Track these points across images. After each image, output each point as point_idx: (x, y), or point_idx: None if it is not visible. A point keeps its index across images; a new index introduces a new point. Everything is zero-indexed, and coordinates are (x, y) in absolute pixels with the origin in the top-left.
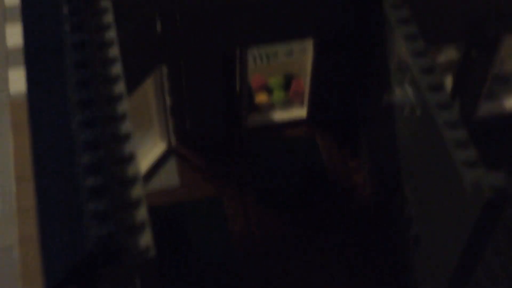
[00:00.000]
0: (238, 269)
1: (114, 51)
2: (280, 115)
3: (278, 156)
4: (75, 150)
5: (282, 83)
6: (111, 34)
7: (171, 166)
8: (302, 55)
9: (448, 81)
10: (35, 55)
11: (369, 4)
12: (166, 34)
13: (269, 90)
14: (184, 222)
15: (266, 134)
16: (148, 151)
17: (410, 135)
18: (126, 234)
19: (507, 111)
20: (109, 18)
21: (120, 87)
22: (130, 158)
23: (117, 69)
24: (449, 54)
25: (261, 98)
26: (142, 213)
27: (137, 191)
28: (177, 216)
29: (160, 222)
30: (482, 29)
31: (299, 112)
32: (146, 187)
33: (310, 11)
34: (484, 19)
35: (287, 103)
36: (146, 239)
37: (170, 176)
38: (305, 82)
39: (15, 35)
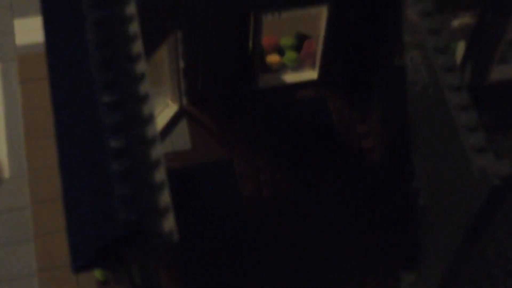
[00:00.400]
0: (249, 229)
1: (134, 26)
2: (291, 76)
3: (289, 117)
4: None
5: (294, 43)
6: (132, 7)
7: (183, 127)
8: (316, 10)
9: (461, 47)
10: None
11: None
12: (181, 1)
13: (280, 51)
14: (195, 184)
15: (278, 95)
16: (160, 112)
17: (421, 109)
18: (151, 217)
19: None
20: None
21: (138, 47)
22: (153, 141)
23: (138, 47)
24: (463, 19)
25: (272, 58)
26: (165, 198)
27: (161, 173)
28: (188, 178)
29: (172, 184)
30: None
31: (311, 73)
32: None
33: None
34: None
35: (299, 64)
36: (169, 222)
37: (181, 138)
38: (317, 44)
39: None
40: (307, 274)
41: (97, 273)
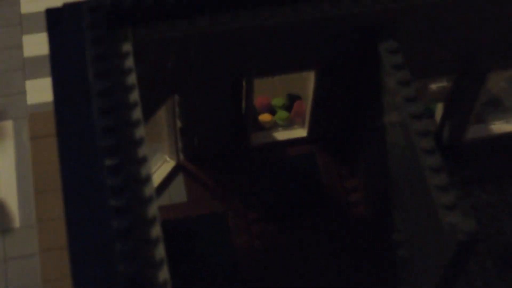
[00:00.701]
0: (242, 280)
1: (135, 95)
2: (282, 134)
3: (280, 172)
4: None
5: (285, 104)
6: (133, 77)
7: (179, 182)
8: (305, 74)
9: (439, 108)
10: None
11: (364, 41)
12: (178, 69)
13: (272, 111)
14: (191, 236)
15: (269, 152)
16: (158, 167)
17: (400, 169)
18: (147, 270)
19: (494, 134)
20: (130, 61)
21: (138, 114)
22: (150, 200)
23: (137, 113)
24: (441, 83)
25: (265, 118)
26: (160, 252)
27: (156, 230)
28: (184, 229)
29: (168, 236)
30: (472, 65)
31: (301, 131)
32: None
33: (312, 45)
34: (474, 56)
35: (289, 123)
36: (164, 274)
37: (178, 192)
38: (307, 104)
39: (31, 45)
40: None
41: None
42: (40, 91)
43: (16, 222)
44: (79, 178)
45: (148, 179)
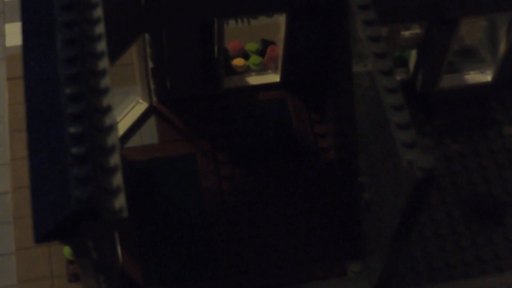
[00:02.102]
0: (209, 221)
1: (100, 28)
2: (255, 79)
3: (251, 117)
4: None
5: (259, 49)
6: (99, 12)
7: (151, 123)
8: (279, 18)
9: (413, 55)
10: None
11: None
12: (149, 6)
13: (246, 55)
14: (160, 177)
15: (241, 96)
16: (131, 109)
17: (365, 110)
18: (103, 197)
19: (467, 84)
20: None
21: (104, 62)
22: (110, 129)
23: (101, 45)
24: (414, 30)
25: (238, 62)
26: (117, 179)
27: (114, 159)
28: (154, 170)
29: (138, 176)
30: (440, 11)
31: (273, 77)
32: (127, 143)
33: None
34: (442, 1)
35: (262, 68)
36: (120, 201)
37: (150, 133)
38: (279, 49)
39: None
40: (261, 264)
41: (67, 253)
42: (18, 33)
43: None
44: (42, 110)
45: (109, 108)
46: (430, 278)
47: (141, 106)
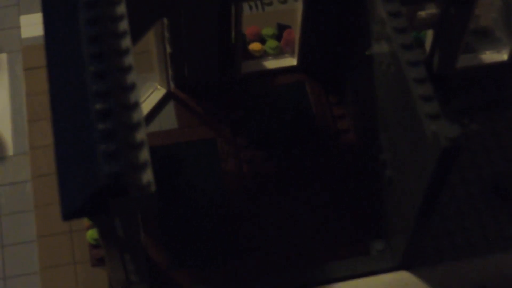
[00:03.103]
0: (230, 204)
1: (122, 8)
2: (272, 63)
3: (269, 101)
4: (88, 98)
5: (275, 33)
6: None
7: (170, 109)
8: (295, 4)
9: (429, 35)
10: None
11: None
12: None
13: (262, 40)
14: (180, 162)
15: (259, 81)
16: (149, 95)
17: (386, 88)
18: (131, 172)
19: (483, 63)
20: None
21: (126, 42)
22: (135, 106)
23: (124, 25)
24: (430, 10)
25: (255, 47)
26: (144, 154)
27: (141, 135)
28: (174, 155)
29: (158, 161)
30: None
31: (290, 60)
32: (146, 129)
33: None
34: None
35: (279, 52)
36: (148, 176)
37: (168, 119)
38: (296, 33)
39: None
40: (283, 245)
41: (90, 238)
42: (33, 25)
43: (10, 151)
44: (67, 91)
45: (133, 87)
46: (452, 255)
47: (159, 92)
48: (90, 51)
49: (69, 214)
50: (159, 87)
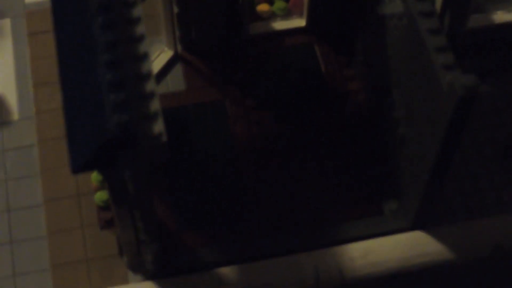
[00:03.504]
0: (239, 166)
1: None
2: (280, 24)
3: (278, 62)
4: (96, 48)
5: None
6: None
7: (178, 71)
8: None
9: None
10: None
11: None
12: None
13: (270, 1)
14: (189, 124)
15: (267, 42)
16: (156, 58)
17: (398, 43)
18: (142, 122)
19: (494, 23)
20: None
21: None
22: (144, 57)
23: None
24: None
25: (262, 8)
26: (155, 104)
27: (151, 85)
28: (182, 118)
29: (166, 124)
30: None
31: (299, 21)
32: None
33: None
34: None
35: (288, 13)
36: (159, 126)
37: (176, 81)
38: None
39: None
40: (294, 207)
41: (98, 200)
42: None
43: (15, 115)
44: (72, 42)
45: (142, 38)
46: (466, 216)
47: (167, 54)
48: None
49: (78, 167)
50: (166, 49)
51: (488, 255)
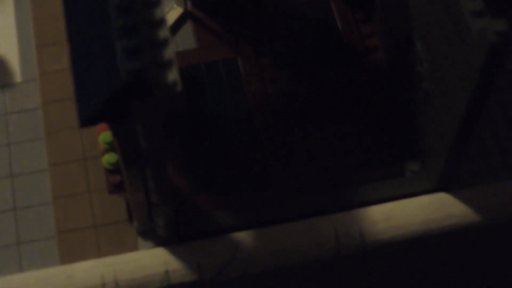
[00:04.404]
0: (255, 127)
1: None
2: None
3: (293, 19)
4: None
5: None
6: None
7: (188, 29)
8: None
9: None
10: None
11: None
12: None
13: None
14: (201, 84)
15: None
16: (165, 15)
17: None
18: (155, 70)
19: None
20: None
21: None
22: (157, 3)
23: None
24: None
25: None
26: (169, 52)
27: (164, 32)
28: (194, 77)
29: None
30: None
31: None
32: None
33: None
34: None
35: None
36: (173, 75)
37: (186, 39)
38: None
39: None
40: (313, 169)
41: (105, 163)
42: None
43: (18, 77)
44: None
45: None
46: (490, 178)
47: (176, 12)
48: None
49: (86, 119)
50: (175, 6)
51: None
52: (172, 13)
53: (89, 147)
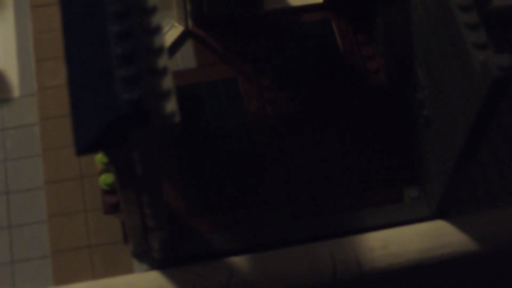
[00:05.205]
0: (253, 147)
1: None
2: (297, 0)
3: (294, 39)
4: (104, 19)
5: None
6: None
7: (188, 48)
8: None
9: None
10: None
11: None
12: None
13: None
14: (200, 103)
15: (283, 18)
16: (165, 33)
17: (424, 19)
18: (154, 99)
19: None
20: None
21: None
22: (157, 30)
23: None
24: None
25: None
26: (168, 81)
27: (163, 60)
28: (193, 96)
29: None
30: None
31: None
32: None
33: None
34: None
35: None
36: (172, 105)
37: (187, 57)
38: None
39: None
40: (311, 191)
41: (102, 183)
42: None
43: (16, 92)
44: (80, 13)
45: (154, 9)
46: (490, 203)
47: (177, 30)
48: None
49: (83, 147)
50: (176, 24)
51: None
52: (173, 32)
53: (86, 166)
